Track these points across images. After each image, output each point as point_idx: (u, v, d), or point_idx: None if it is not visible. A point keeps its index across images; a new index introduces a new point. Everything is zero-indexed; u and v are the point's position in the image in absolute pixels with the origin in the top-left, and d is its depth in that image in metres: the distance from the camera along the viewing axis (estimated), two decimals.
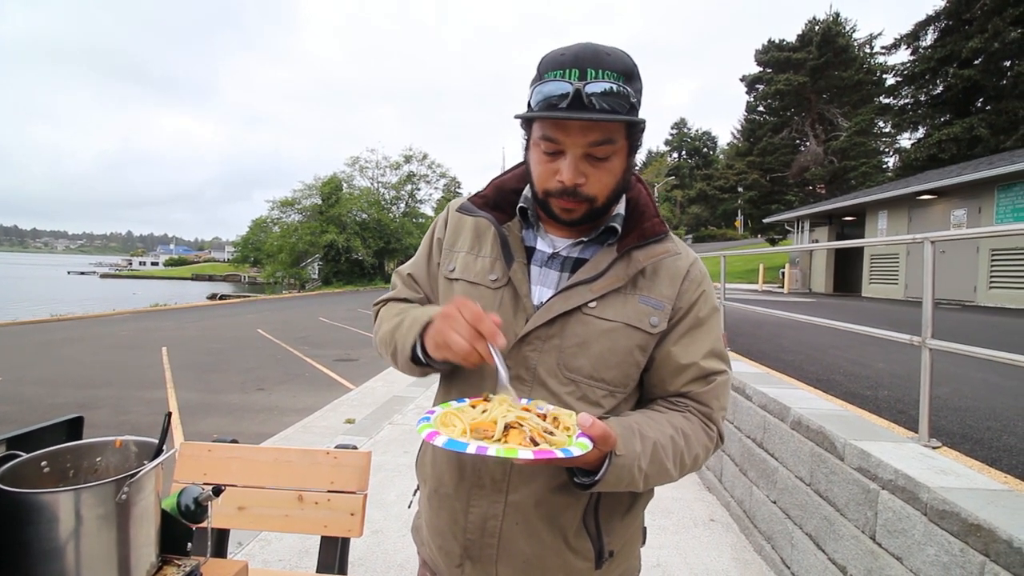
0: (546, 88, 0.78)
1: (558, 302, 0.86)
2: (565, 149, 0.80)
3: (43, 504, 0.83)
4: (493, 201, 0.96)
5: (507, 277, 0.89)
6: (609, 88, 0.77)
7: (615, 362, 0.86)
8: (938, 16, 19.71)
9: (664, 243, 0.90)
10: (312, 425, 5.16)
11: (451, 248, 0.97)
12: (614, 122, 0.78)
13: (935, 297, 2.25)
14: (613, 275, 0.86)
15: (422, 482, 1.01)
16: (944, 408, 2.95)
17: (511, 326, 0.87)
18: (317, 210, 35.18)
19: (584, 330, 0.85)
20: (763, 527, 2.85)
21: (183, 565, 0.99)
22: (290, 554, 2.73)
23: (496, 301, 0.89)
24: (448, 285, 0.95)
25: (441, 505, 0.93)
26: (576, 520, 0.88)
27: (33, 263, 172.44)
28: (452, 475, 0.91)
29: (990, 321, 8.01)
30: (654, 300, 0.87)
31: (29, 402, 6.24)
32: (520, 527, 0.87)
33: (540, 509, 0.86)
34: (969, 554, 1.52)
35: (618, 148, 0.82)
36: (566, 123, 0.79)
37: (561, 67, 0.78)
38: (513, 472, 0.86)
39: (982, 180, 10.97)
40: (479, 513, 0.88)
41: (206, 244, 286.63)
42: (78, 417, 1.07)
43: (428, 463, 0.98)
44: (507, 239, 0.91)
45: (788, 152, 29.61)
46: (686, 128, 66.23)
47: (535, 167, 0.86)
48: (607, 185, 0.84)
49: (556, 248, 0.92)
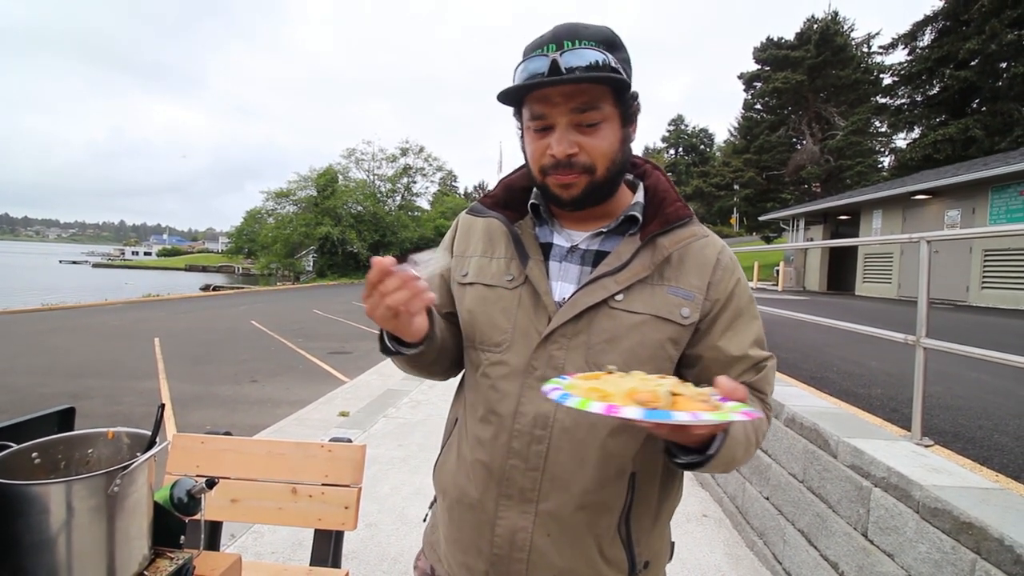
0: (526, 67, 0.78)
1: (583, 296, 0.82)
2: (553, 122, 0.79)
3: (34, 496, 0.82)
4: (503, 200, 0.93)
5: (524, 276, 0.86)
6: (586, 54, 0.76)
7: (647, 356, 0.81)
8: (936, 17, 19.74)
9: (689, 227, 0.86)
10: (306, 418, 5.15)
11: (462, 255, 0.94)
12: (593, 82, 0.77)
13: (929, 297, 2.26)
14: (638, 264, 0.83)
15: (441, 493, 0.94)
16: (937, 407, 2.97)
17: (533, 325, 0.83)
18: (312, 202, 34.99)
19: (612, 324, 0.81)
20: (756, 523, 2.87)
21: (176, 558, 0.98)
22: (283, 547, 2.72)
23: (515, 301, 0.85)
24: (462, 291, 0.92)
25: (464, 517, 0.87)
26: (612, 528, 0.83)
27: (24, 251, 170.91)
28: (478, 484, 0.85)
29: (982, 321, 8.07)
30: (683, 291, 0.83)
31: (20, 392, 6.19)
32: (552, 538, 0.81)
33: (574, 518, 0.81)
34: (961, 552, 1.53)
35: (607, 115, 0.80)
36: (549, 94, 0.78)
37: (540, 45, 0.79)
38: (545, 479, 0.81)
39: (976, 181, 11.03)
40: (507, 525, 0.82)
41: (200, 235, 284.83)
42: (70, 408, 1.06)
43: (450, 471, 0.91)
44: (520, 237, 0.88)
45: (784, 150, 29.66)
46: (683, 125, 66.21)
47: (529, 150, 0.84)
48: (603, 152, 0.80)
49: (575, 242, 0.88)
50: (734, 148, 35.90)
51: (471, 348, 0.89)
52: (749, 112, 32.70)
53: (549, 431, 0.81)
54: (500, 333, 0.85)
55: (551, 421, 0.81)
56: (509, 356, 0.84)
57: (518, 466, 0.81)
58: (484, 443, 0.84)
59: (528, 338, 0.83)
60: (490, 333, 0.86)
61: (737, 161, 32.51)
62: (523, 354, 0.83)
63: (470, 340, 0.90)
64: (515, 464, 0.82)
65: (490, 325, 0.86)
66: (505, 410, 0.83)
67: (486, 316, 0.87)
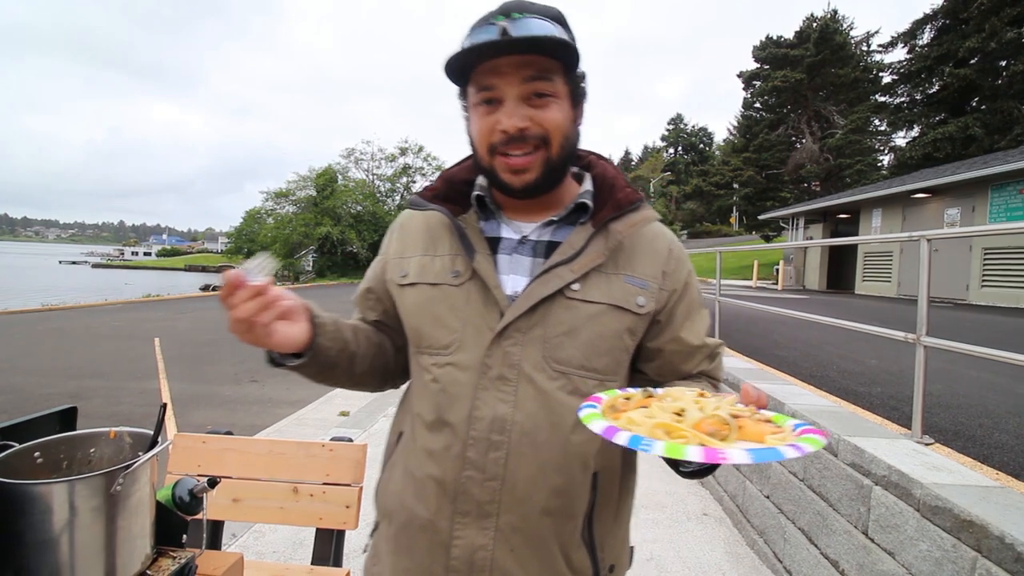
0: (471, 37, 0.75)
1: (538, 287, 0.77)
2: (502, 95, 0.75)
3: (37, 495, 0.82)
4: (444, 193, 0.87)
5: (471, 270, 0.80)
6: (536, 23, 0.74)
7: (605, 348, 0.79)
8: (935, 15, 19.76)
9: (641, 211, 0.84)
10: (306, 417, 5.15)
11: (400, 256, 0.88)
12: (545, 50, 0.74)
13: (929, 295, 2.26)
14: (593, 251, 0.79)
15: (385, 517, 0.85)
16: (937, 405, 2.98)
17: (485, 322, 0.78)
18: (311, 202, 34.96)
19: (569, 316, 0.77)
20: (756, 521, 2.87)
21: (178, 557, 0.98)
22: (284, 546, 2.73)
23: (463, 298, 0.80)
24: (403, 293, 0.85)
25: (415, 542, 0.79)
26: (576, 532, 0.79)
27: (24, 252, 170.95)
28: (430, 502, 0.78)
29: (982, 319, 8.08)
30: (638, 279, 0.82)
31: (20, 392, 6.19)
32: (515, 553, 0.76)
33: (539, 527, 0.76)
34: (961, 549, 1.53)
35: (558, 89, 0.77)
36: (498, 65, 0.74)
37: (486, 19, 0.76)
38: (505, 489, 0.75)
39: (976, 179, 11.03)
40: (465, 545, 0.75)
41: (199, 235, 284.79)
42: (71, 408, 1.06)
43: (395, 492, 0.83)
44: (464, 230, 0.82)
45: (784, 149, 29.68)
46: (682, 124, 66.19)
47: (475, 129, 0.79)
48: (557, 125, 0.77)
49: (524, 233, 0.84)
50: (733, 147, 35.90)
51: (417, 353, 0.83)
52: (748, 111, 32.73)
53: (508, 436, 0.75)
54: (449, 333, 0.79)
55: (509, 424, 0.75)
56: (460, 356, 0.78)
57: (474, 477, 0.75)
58: (435, 455, 0.78)
59: (480, 335, 0.78)
60: (438, 334, 0.80)
61: (736, 160, 32.52)
62: (475, 353, 0.77)
63: (416, 344, 0.84)
64: (471, 476, 0.75)
65: (437, 325, 0.80)
66: (457, 416, 0.77)
67: (432, 316, 0.81)
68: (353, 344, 0.84)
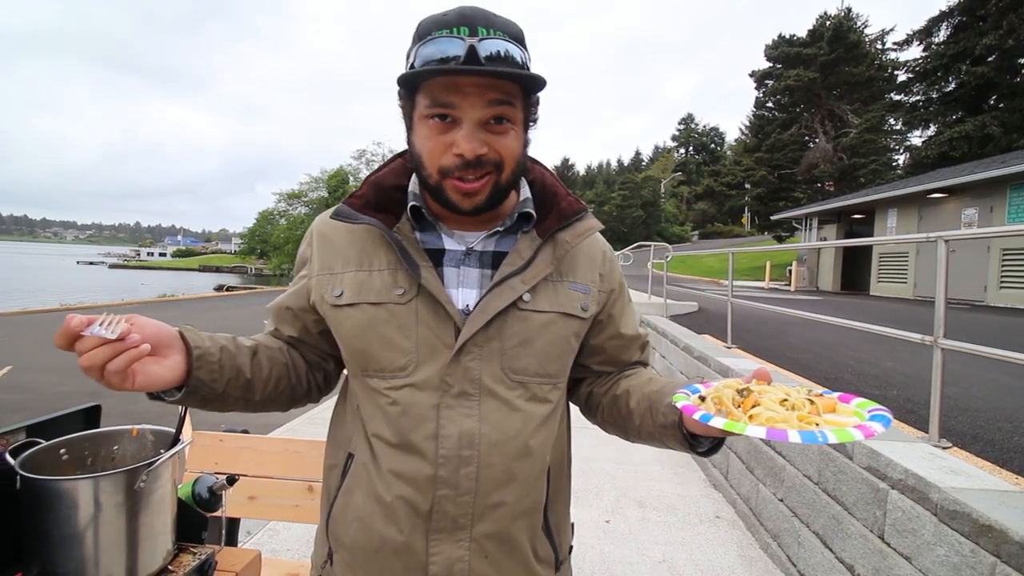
0: (433, 46, 0.70)
1: (492, 300, 0.76)
2: (460, 115, 0.72)
3: (63, 491, 0.84)
4: (375, 202, 0.81)
5: (417, 287, 0.77)
6: (504, 47, 0.71)
7: (556, 354, 0.81)
8: (952, 12, 19.45)
9: (587, 219, 0.85)
10: (318, 417, 5.19)
11: (329, 271, 0.82)
12: (516, 79, 0.73)
13: (947, 297, 2.23)
14: (542, 262, 0.80)
15: (346, 547, 0.80)
16: (954, 408, 2.94)
17: (439, 339, 0.76)
18: (324, 203, 35.22)
19: (523, 327, 0.78)
20: (770, 525, 2.85)
21: (198, 553, 1.00)
22: (298, 544, 2.75)
23: (411, 317, 0.77)
24: (339, 313, 0.79)
25: (387, 566, 0.77)
26: (538, 527, 0.82)
27: (43, 253, 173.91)
28: (404, 525, 0.76)
29: (1001, 321, 7.94)
30: (581, 285, 0.84)
31: (38, 390, 6.31)
32: (490, 558, 0.77)
33: (512, 529, 0.78)
34: (980, 555, 1.51)
35: (516, 116, 0.75)
36: (460, 84, 0.70)
37: (446, 26, 0.71)
38: (477, 501, 0.76)
39: (994, 179, 10.85)
40: (442, 561, 0.75)
41: (213, 236, 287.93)
42: (96, 406, 1.08)
43: (357, 519, 0.79)
44: (403, 244, 0.78)
45: (797, 149, 29.38)
46: (693, 124, 65.80)
47: (424, 144, 0.75)
48: (512, 152, 0.75)
49: (468, 244, 0.82)
50: (745, 146, 35.62)
51: (364, 376, 0.79)
52: (761, 110, 32.46)
53: (477, 449, 0.75)
54: (402, 355, 0.76)
55: (477, 438, 0.75)
56: (417, 377, 0.76)
57: (448, 495, 0.75)
58: (404, 477, 0.75)
59: (436, 353, 0.76)
60: (389, 356, 0.77)
61: (748, 160, 32.25)
62: (434, 372, 0.76)
63: (361, 368, 0.79)
64: (445, 494, 0.75)
65: (387, 347, 0.77)
66: (422, 436, 0.75)
67: (380, 338, 0.77)
68: (248, 370, 0.80)
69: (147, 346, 0.66)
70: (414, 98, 0.75)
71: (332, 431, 0.90)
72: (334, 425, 0.90)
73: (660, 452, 4.32)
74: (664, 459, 4.15)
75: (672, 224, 54.38)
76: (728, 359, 3.98)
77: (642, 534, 3.01)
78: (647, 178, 55.93)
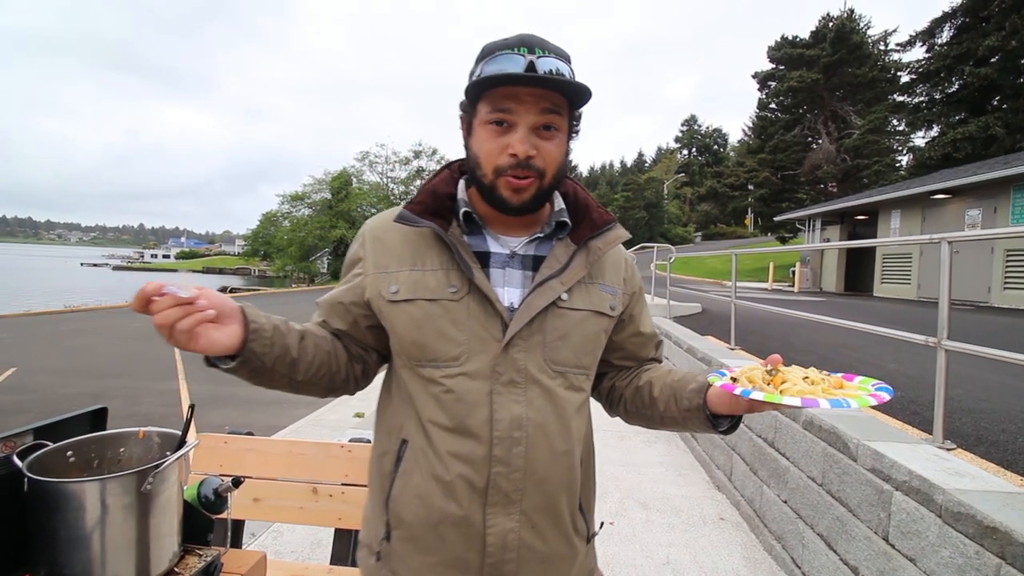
0: (498, 63, 0.82)
1: (535, 299, 0.86)
2: (517, 121, 0.83)
3: (71, 493, 0.85)
4: (432, 208, 0.90)
5: (468, 285, 0.86)
6: (557, 65, 0.83)
7: (590, 347, 0.92)
8: (955, 13, 19.39)
9: (616, 229, 0.96)
10: (322, 419, 5.20)
11: (384, 270, 0.89)
12: (567, 90, 0.84)
13: (950, 298, 2.22)
14: (577, 265, 0.90)
15: (407, 523, 0.87)
16: (958, 410, 2.93)
17: (489, 333, 0.85)
18: (327, 205, 35.28)
19: (562, 323, 0.88)
20: (774, 527, 2.84)
21: (204, 555, 1.00)
22: (302, 546, 2.76)
23: (464, 312, 0.85)
24: (395, 309, 0.87)
25: (448, 538, 0.85)
26: (576, 503, 0.92)
27: (47, 255, 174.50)
28: (463, 500, 0.84)
29: (1005, 322, 7.91)
30: (609, 287, 0.95)
31: (42, 392, 6.33)
32: (537, 529, 0.86)
33: (554, 504, 0.88)
34: (985, 556, 1.51)
35: (562, 125, 0.86)
36: (519, 93, 0.82)
37: (509, 47, 0.83)
38: (526, 478, 0.85)
39: (998, 180, 10.81)
40: (497, 531, 0.84)
41: (216, 237, 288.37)
42: (102, 408, 1.09)
43: (417, 496, 0.86)
44: (457, 246, 0.86)
45: (800, 150, 29.28)
46: (696, 125, 65.74)
47: (483, 147, 0.85)
48: (555, 160, 0.86)
49: (512, 248, 0.91)
50: (748, 148, 35.56)
51: (417, 366, 0.86)
52: (764, 111, 32.34)
53: (525, 431, 0.84)
54: (456, 346, 0.84)
55: (525, 421, 0.84)
56: (470, 367, 0.84)
57: (502, 472, 0.83)
58: (463, 457, 0.83)
59: (486, 345, 0.84)
60: (444, 347, 0.85)
61: (751, 161, 32.18)
62: (485, 362, 0.84)
63: (414, 358, 0.87)
64: (499, 471, 0.83)
65: (442, 339, 0.84)
66: (479, 420, 0.83)
67: (435, 331, 0.85)
68: (295, 351, 0.86)
69: (212, 311, 0.73)
70: (475, 107, 0.86)
71: (380, 422, 0.96)
72: (381, 417, 0.96)
73: (664, 454, 4.32)
74: (668, 461, 4.15)
75: (675, 225, 54.30)
76: (731, 361, 3.98)
77: (646, 536, 3.00)
78: (650, 179, 55.85)
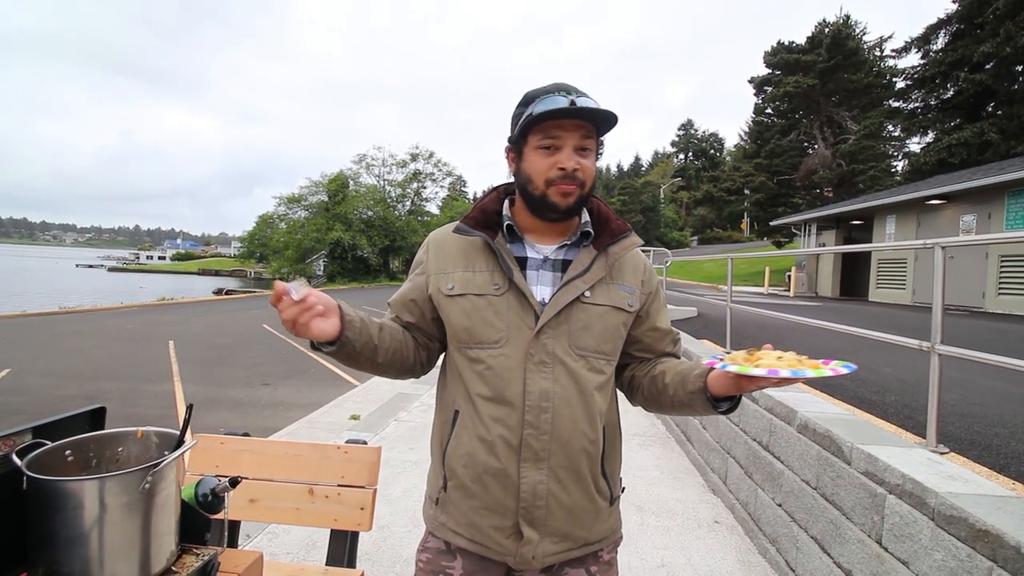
0: (545, 104, 1.02)
1: (562, 295, 1.05)
2: (562, 144, 1.03)
3: (69, 492, 0.85)
4: (482, 221, 1.12)
5: (508, 283, 1.06)
6: (591, 102, 1.03)
7: (609, 336, 1.09)
8: (950, 20, 19.53)
9: (631, 237, 1.14)
10: (317, 421, 5.19)
11: (443, 271, 1.11)
12: (600, 117, 1.03)
13: (944, 303, 2.24)
14: (598, 268, 1.08)
15: (459, 473, 1.07)
16: (952, 414, 2.95)
17: (524, 322, 1.05)
18: (323, 207, 35.23)
19: (585, 315, 1.06)
20: (768, 530, 2.85)
21: (201, 554, 1.01)
22: (297, 547, 2.75)
23: (504, 305, 1.06)
24: (450, 302, 1.09)
25: (491, 486, 1.04)
26: (598, 468, 1.09)
27: (42, 256, 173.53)
28: (502, 455, 1.03)
29: (999, 328, 7.96)
30: (627, 287, 1.12)
31: (37, 393, 6.30)
32: (562, 484, 1.04)
33: (576, 464, 1.05)
34: (976, 559, 1.52)
35: (594, 147, 1.07)
36: (565, 124, 1.03)
37: (549, 92, 1.04)
38: (552, 440, 1.03)
39: (992, 185, 10.89)
40: (529, 482, 1.03)
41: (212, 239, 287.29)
42: (100, 408, 1.09)
43: (466, 452, 1.06)
44: (501, 252, 1.07)
45: (796, 155, 29.40)
46: (693, 129, 65.96)
47: (535, 166, 1.05)
48: (591, 173, 1.07)
49: (545, 253, 1.12)
50: (744, 153, 35.69)
51: (466, 348, 1.07)
52: (760, 116, 32.49)
53: (552, 402, 1.03)
54: (496, 332, 1.05)
55: (552, 394, 1.03)
56: (508, 349, 1.04)
57: (532, 434, 1.02)
58: (502, 421, 1.03)
59: (521, 333, 1.04)
60: (488, 332, 1.05)
61: (747, 166, 32.31)
62: (520, 346, 1.04)
63: (464, 342, 1.07)
64: (530, 433, 1.02)
65: (486, 326, 1.05)
66: (515, 392, 1.03)
67: (481, 319, 1.05)
68: (377, 339, 1.05)
69: (321, 307, 0.93)
70: (526, 138, 1.06)
71: (439, 399, 1.17)
72: (440, 394, 1.17)
73: (659, 458, 4.32)
74: (663, 464, 4.16)
75: (671, 229, 54.43)
76: None
77: (640, 539, 3.01)
78: (646, 183, 56.01)
